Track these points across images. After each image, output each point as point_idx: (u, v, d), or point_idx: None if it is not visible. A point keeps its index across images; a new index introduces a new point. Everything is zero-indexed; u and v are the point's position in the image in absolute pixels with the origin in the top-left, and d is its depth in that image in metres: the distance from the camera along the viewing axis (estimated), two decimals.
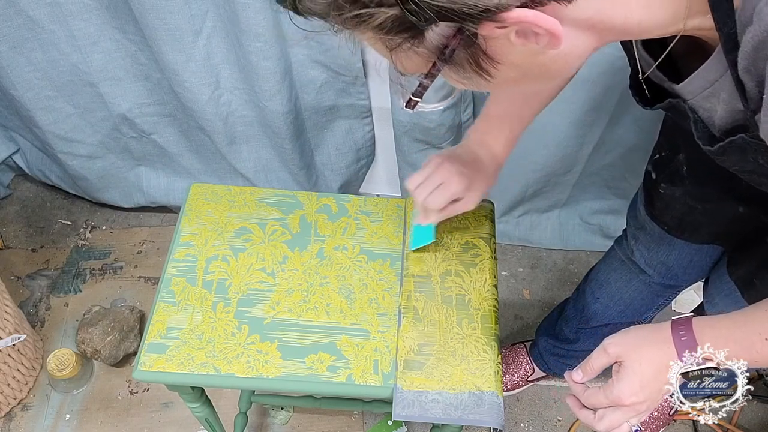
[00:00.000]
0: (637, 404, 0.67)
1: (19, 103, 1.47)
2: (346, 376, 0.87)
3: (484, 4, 0.45)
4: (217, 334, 0.90)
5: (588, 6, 0.49)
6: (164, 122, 1.56)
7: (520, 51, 0.50)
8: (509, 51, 0.50)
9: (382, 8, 0.46)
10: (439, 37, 0.49)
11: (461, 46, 0.50)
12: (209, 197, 1.04)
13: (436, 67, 0.52)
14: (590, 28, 0.51)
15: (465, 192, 0.87)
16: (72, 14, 1.30)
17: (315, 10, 0.49)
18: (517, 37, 0.49)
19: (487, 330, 0.91)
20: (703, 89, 0.57)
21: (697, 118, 0.61)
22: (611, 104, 1.36)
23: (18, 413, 1.49)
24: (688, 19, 0.52)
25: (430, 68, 0.52)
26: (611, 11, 0.50)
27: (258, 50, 1.27)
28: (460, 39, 0.49)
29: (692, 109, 0.60)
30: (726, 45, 0.51)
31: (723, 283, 0.97)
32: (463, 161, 0.88)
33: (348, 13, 0.47)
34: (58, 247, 1.77)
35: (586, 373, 0.73)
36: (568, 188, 1.64)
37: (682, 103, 0.61)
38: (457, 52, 0.50)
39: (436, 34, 0.49)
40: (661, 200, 0.98)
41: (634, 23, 0.52)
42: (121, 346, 1.51)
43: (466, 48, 0.50)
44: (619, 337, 0.70)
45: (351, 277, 0.96)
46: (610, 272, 1.23)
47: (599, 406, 0.70)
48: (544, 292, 1.73)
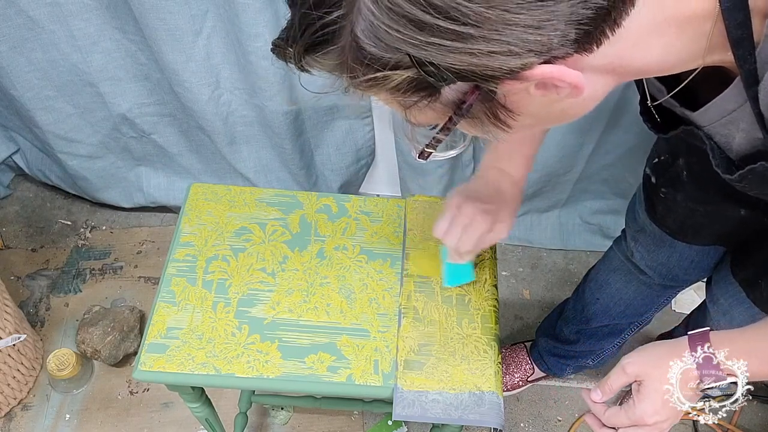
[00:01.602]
0: (660, 423, 0.67)
1: (19, 103, 1.47)
2: (347, 376, 0.86)
3: (509, 66, 0.43)
4: (218, 334, 0.90)
5: (608, 52, 0.47)
6: (164, 122, 1.56)
7: (539, 101, 0.49)
8: (528, 102, 0.49)
9: (398, 71, 0.44)
10: (455, 93, 0.48)
11: (479, 101, 0.48)
12: (209, 197, 1.04)
13: (453, 121, 0.50)
14: (610, 72, 0.50)
15: (492, 226, 0.85)
16: (72, 14, 1.30)
17: (324, 69, 0.48)
18: (536, 89, 0.47)
19: (487, 330, 0.91)
20: (720, 117, 0.56)
21: (714, 144, 0.60)
22: (611, 104, 1.36)
23: (18, 413, 1.49)
24: (708, 56, 0.51)
25: (445, 122, 0.51)
26: (631, 55, 0.49)
27: (258, 50, 1.27)
28: (477, 95, 0.47)
29: (708, 135, 0.60)
30: (747, 80, 0.50)
31: (727, 284, 0.96)
32: (483, 196, 0.86)
33: (361, 77, 0.46)
34: (58, 247, 1.77)
35: (605, 393, 0.72)
36: (568, 188, 1.64)
37: (697, 130, 0.60)
38: (475, 106, 0.49)
39: (453, 91, 0.47)
40: (662, 204, 0.98)
41: (654, 63, 0.51)
42: (121, 346, 1.51)
43: (483, 102, 0.48)
44: (637, 356, 0.69)
45: (351, 277, 0.96)
46: (609, 273, 1.23)
47: (621, 425, 0.70)
48: (544, 292, 1.73)
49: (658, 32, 0.49)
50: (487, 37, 0.42)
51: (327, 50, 0.46)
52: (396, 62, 0.44)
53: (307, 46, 0.47)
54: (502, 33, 0.42)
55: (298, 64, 0.49)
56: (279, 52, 0.50)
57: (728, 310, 0.98)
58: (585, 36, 0.44)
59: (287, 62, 0.50)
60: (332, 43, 0.46)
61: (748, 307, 0.92)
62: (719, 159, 0.60)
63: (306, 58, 0.48)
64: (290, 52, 0.49)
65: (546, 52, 0.44)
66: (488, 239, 0.86)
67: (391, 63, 0.44)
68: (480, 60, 0.43)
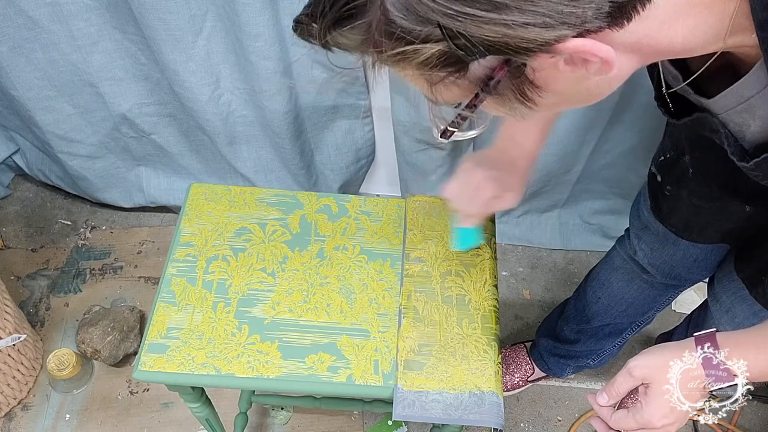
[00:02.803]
0: (668, 426, 0.67)
1: (19, 103, 1.47)
2: (347, 376, 0.86)
3: (543, 38, 0.43)
4: (218, 334, 0.90)
5: (637, 29, 0.47)
6: (164, 122, 1.56)
7: (566, 78, 0.49)
8: (556, 79, 0.49)
9: (428, 44, 0.43)
10: (484, 68, 0.47)
11: (507, 77, 0.47)
12: (209, 197, 1.04)
13: (479, 98, 0.49)
14: (636, 51, 0.50)
15: (501, 192, 0.86)
16: (72, 14, 1.30)
17: (348, 46, 0.47)
18: (566, 65, 0.47)
19: (487, 330, 0.91)
20: (737, 104, 0.56)
21: (728, 132, 0.60)
22: (611, 104, 1.36)
23: (18, 413, 1.49)
24: (729, 38, 0.51)
25: (471, 99, 0.50)
26: (658, 34, 0.49)
27: (258, 50, 1.27)
28: (506, 70, 0.46)
29: (723, 123, 0.59)
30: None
31: (730, 281, 0.96)
32: (494, 163, 0.86)
33: (389, 51, 0.45)
34: (58, 247, 1.77)
35: (612, 397, 0.71)
36: (568, 188, 1.64)
37: (711, 117, 0.60)
38: (502, 83, 0.48)
39: (482, 66, 0.46)
40: (668, 202, 0.98)
41: (678, 44, 0.51)
42: (121, 346, 1.51)
43: (511, 78, 0.48)
44: (643, 359, 0.69)
45: (351, 277, 0.96)
46: (611, 272, 1.23)
47: (629, 429, 0.69)
48: (544, 292, 1.73)
49: (685, 11, 0.49)
50: (522, 8, 0.42)
51: (354, 24, 0.46)
52: (426, 35, 0.43)
53: (334, 20, 0.46)
54: (537, 4, 0.42)
55: (323, 41, 0.48)
56: (302, 30, 0.49)
57: (730, 308, 0.98)
58: (618, 10, 0.44)
59: (309, 40, 0.49)
60: (360, 17, 0.45)
61: (750, 304, 0.92)
62: (734, 147, 0.60)
63: (332, 33, 0.47)
64: (314, 28, 0.47)
65: (579, 25, 0.43)
66: (497, 205, 0.87)
67: (422, 36, 0.43)
68: (514, 32, 0.42)
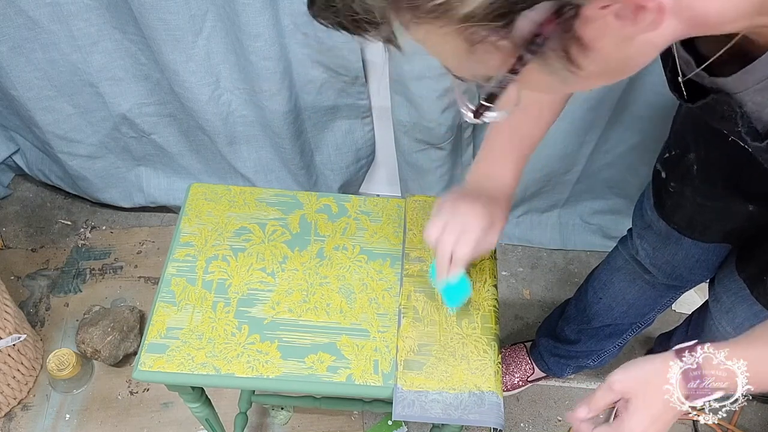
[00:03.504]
0: None
1: (19, 103, 1.47)
2: (346, 376, 0.86)
3: None
4: (217, 334, 0.90)
5: None
6: (164, 122, 1.56)
7: (612, 37, 0.46)
8: (602, 36, 0.46)
9: None
10: (531, 23, 0.43)
11: (554, 34, 0.44)
12: (209, 197, 1.04)
13: (523, 60, 0.45)
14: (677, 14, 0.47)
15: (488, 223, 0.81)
16: (72, 14, 1.30)
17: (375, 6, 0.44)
18: (616, 19, 0.44)
19: (487, 330, 0.91)
20: (758, 82, 0.55)
21: (743, 112, 0.59)
22: (611, 104, 1.36)
23: (18, 413, 1.49)
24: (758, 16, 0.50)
25: (514, 63, 0.46)
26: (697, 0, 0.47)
27: (258, 50, 1.27)
28: (556, 24, 0.43)
29: (740, 103, 0.59)
30: None
31: (731, 281, 0.96)
32: (475, 199, 0.82)
33: (430, 2, 0.41)
34: (58, 247, 1.77)
35: (591, 411, 0.71)
36: (568, 188, 1.64)
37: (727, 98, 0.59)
38: (549, 41, 0.44)
39: (529, 21, 0.43)
40: (671, 199, 0.98)
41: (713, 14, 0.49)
42: (121, 346, 1.51)
43: (559, 35, 0.44)
44: (623, 374, 0.68)
45: (351, 277, 0.96)
46: (613, 272, 1.23)
47: None
48: (544, 292, 1.73)
49: None
50: None
51: None
52: None
53: None
54: None
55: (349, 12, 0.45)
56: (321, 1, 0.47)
57: (730, 309, 0.98)
58: None
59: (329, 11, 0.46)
60: None
61: (751, 304, 0.92)
62: (748, 127, 0.59)
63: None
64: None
65: None
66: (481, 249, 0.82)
67: None
68: None
